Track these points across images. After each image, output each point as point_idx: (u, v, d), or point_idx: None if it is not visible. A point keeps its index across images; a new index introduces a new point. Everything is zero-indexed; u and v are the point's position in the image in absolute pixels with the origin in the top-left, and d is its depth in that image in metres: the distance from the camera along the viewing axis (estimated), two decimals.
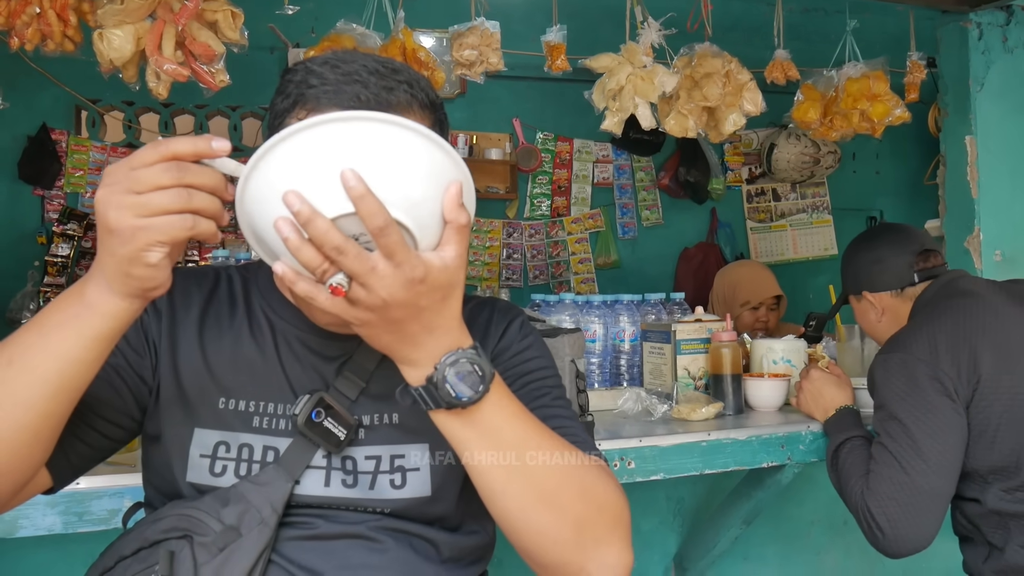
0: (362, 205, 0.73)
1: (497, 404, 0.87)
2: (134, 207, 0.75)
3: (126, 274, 0.78)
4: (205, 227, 0.78)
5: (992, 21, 3.27)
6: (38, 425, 0.84)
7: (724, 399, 2.06)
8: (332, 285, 0.77)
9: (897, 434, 1.67)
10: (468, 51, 2.55)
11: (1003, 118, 3.25)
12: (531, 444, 0.90)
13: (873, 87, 3.06)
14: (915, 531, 1.62)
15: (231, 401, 1.01)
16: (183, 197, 0.76)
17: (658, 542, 2.37)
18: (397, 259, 0.76)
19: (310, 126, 0.74)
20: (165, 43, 2.08)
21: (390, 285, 0.77)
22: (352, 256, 0.75)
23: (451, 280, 0.81)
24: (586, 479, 0.93)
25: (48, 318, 0.83)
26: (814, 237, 5.38)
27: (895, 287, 1.93)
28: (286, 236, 0.75)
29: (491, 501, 0.92)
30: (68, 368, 0.82)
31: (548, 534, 0.91)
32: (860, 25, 3.24)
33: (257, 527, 0.95)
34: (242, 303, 1.08)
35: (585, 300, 2.38)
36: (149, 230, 0.76)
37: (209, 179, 0.78)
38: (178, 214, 0.76)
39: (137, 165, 0.76)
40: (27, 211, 4.21)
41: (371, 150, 0.75)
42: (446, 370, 0.83)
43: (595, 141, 5.04)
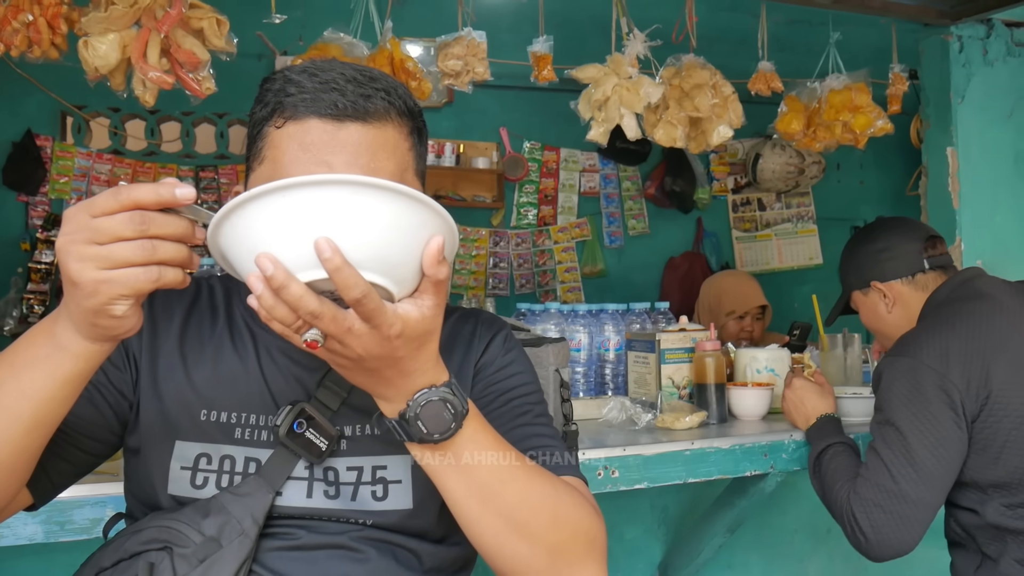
0: (338, 277, 0.72)
1: (471, 438, 0.88)
2: (96, 259, 0.73)
3: (92, 324, 0.77)
4: (171, 277, 0.75)
5: (973, 34, 3.31)
6: (13, 458, 0.84)
7: (708, 408, 2.07)
8: (307, 341, 0.76)
9: (892, 441, 1.65)
10: (453, 61, 2.56)
11: (983, 130, 3.29)
12: (504, 475, 0.91)
13: (855, 99, 3.09)
14: (898, 539, 1.61)
15: (212, 413, 1.01)
16: (147, 249, 0.73)
17: (643, 550, 2.38)
18: (374, 322, 0.76)
19: (283, 188, 0.71)
20: (150, 51, 2.08)
21: (366, 344, 0.77)
22: (328, 320, 0.74)
23: (428, 328, 0.81)
24: (559, 506, 0.94)
25: (18, 355, 0.82)
26: (799, 246, 5.41)
27: (905, 274, 1.88)
28: (259, 294, 0.73)
29: (466, 528, 0.93)
30: (41, 407, 0.82)
31: (522, 561, 0.92)
32: (844, 37, 3.28)
33: (238, 538, 0.95)
34: (223, 314, 1.07)
35: (571, 309, 2.40)
36: (112, 283, 0.73)
37: (175, 228, 0.75)
38: (143, 266, 0.73)
39: (97, 213, 0.73)
40: (11, 217, 4.19)
41: (346, 214, 0.72)
42: (418, 408, 0.84)
43: (582, 150, 5.06)
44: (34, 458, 0.87)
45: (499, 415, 1.06)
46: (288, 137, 0.94)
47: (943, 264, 1.88)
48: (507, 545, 0.92)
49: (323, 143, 0.93)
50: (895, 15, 3.22)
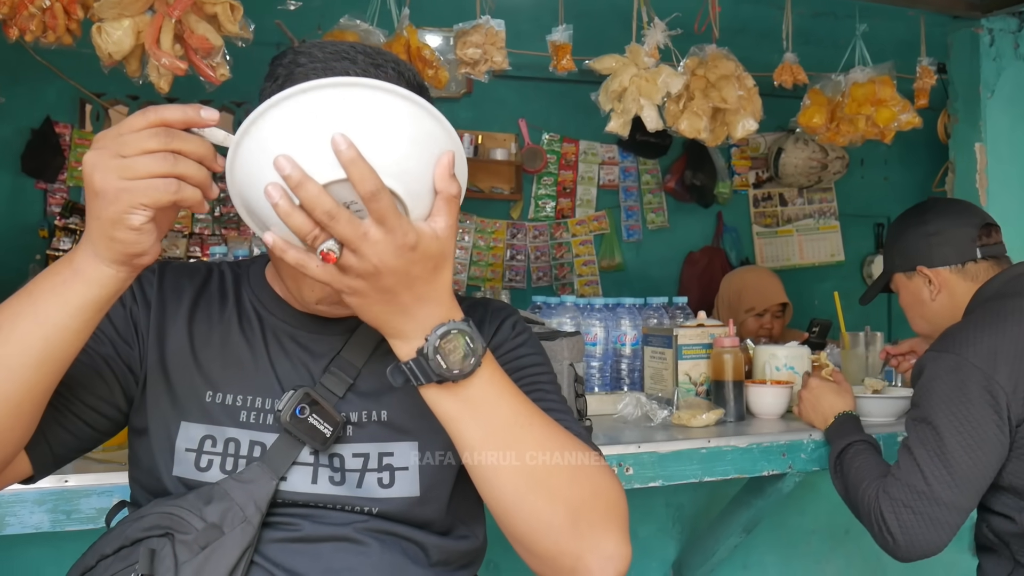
0: (353, 170, 0.72)
1: (489, 380, 0.86)
2: (119, 169, 0.75)
3: (110, 238, 0.78)
4: (190, 193, 0.77)
5: (1004, 27, 3.24)
6: (21, 395, 0.83)
7: (725, 405, 2.04)
8: (323, 251, 0.75)
9: (928, 440, 1.58)
10: (472, 49, 2.53)
11: (1013, 125, 3.22)
12: (523, 422, 0.88)
13: (878, 92, 3.04)
14: (927, 541, 1.56)
15: (218, 395, 1.00)
16: (168, 161, 0.76)
17: (657, 549, 2.35)
18: (388, 225, 0.75)
19: (302, 91, 0.73)
20: (163, 36, 2.07)
21: (382, 251, 0.76)
22: (343, 221, 0.74)
23: (442, 250, 0.80)
24: (580, 462, 0.91)
25: (37, 286, 0.83)
26: (821, 243, 5.34)
27: (955, 262, 1.78)
28: (276, 201, 0.74)
29: (482, 484, 0.89)
30: (54, 335, 0.81)
31: (541, 518, 0.88)
32: (870, 30, 3.22)
33: (240, 525, 0.94)
34: (232, 298, 1.07)
35: (586, 303, 2.36)
36: (132, 192, 0.76)
37: (196, 147, 0.78)
38: (162, 178, 0.76)
39: (126, 130, 0.76)
40: (29, 204, 4.21)
41: (363, 116, 0.74)
42: (437, 341, 0.82)
43: (601, 143, 5.02)
44: (41, 402, 0.85)
45: None
46: None
47: (996, 254, 1.78)
48: (526, 501, 0.88)
49: None
50: (924, 7, 3.16)
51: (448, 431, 0.88)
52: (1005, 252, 1.81)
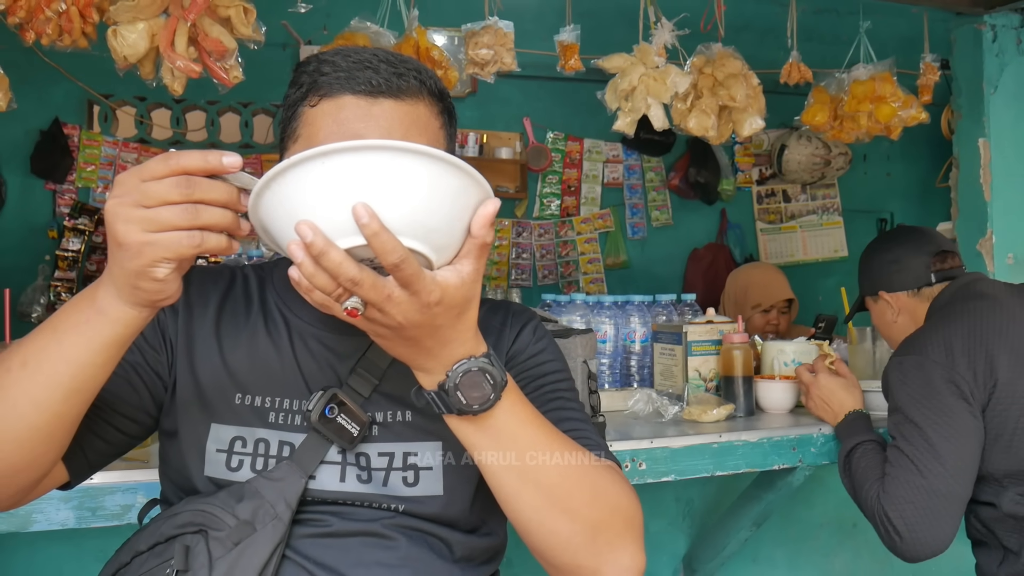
0: (376, 242, 0.72)
1: (509, 410, 0.88)
2: (142, 222, 0.75)
3: (134, 286, 0.79)
4: (215, 242, 0.77)
5: (1006, 23, 3.26)
6: (52, 426, 0.85)
7: (735, 401, 2.06)
8: (347, 309, 0.77)
9: (913, 437, 1.66)
10: (484, 50, 2.55)
11: (1017, 121, 3.23)
12: (543, 448, 0.90)
13: (878, 89, 3.05)
14: (933, 535, 1.61)
15: (247, 397, 1.02)
16: (191, 213, 0.75)
17: (667, 543, 2.37)
18: (413, 288, 0.76)
19: (323, 154, 0.72)
20: (178, 39, 2.09)
21: (406, 311, 0.78)
22: (367, 287, 0.75)
23: (467, 296, 0.81)
24: (598, 482, 0.94)
25: (61, 321, 0.83)
26: (824, 239, 5.36)
27: (912, 287, 1.93)
28: (300, 262, 0.74)
29: (504, 503, 0.93)
30: (80, 372, 0.83)
31: (561, 537, 0.91)
32: (873, 26, 3.23)
33: (271, 522, 0.96)
34: (257, 301, 1.09)
35: (596, 300, 2.38)
36: (156, 246, 0.75)
37: (220, 194, 0.77)
38: (186, 231, 0.75)
39: (147, 177, 0.75)
40: (38, 205, 4.23)
41: (386, 180, 0.73)
42: (458, 378, 0.84)
43: (605, 141, 5.03)
44: (72, 427, 0.87)
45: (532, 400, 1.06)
46: (323, 114, 0.97)
47: (951, 277, 1.92)
48: (547, 521, 0.91)
49: (357, 118, 0.95)
50: (927, 4, 3.18)
51: (471, 455, 0.91)
52: (962, 274, 1.93)
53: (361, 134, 0.94)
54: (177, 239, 0.75)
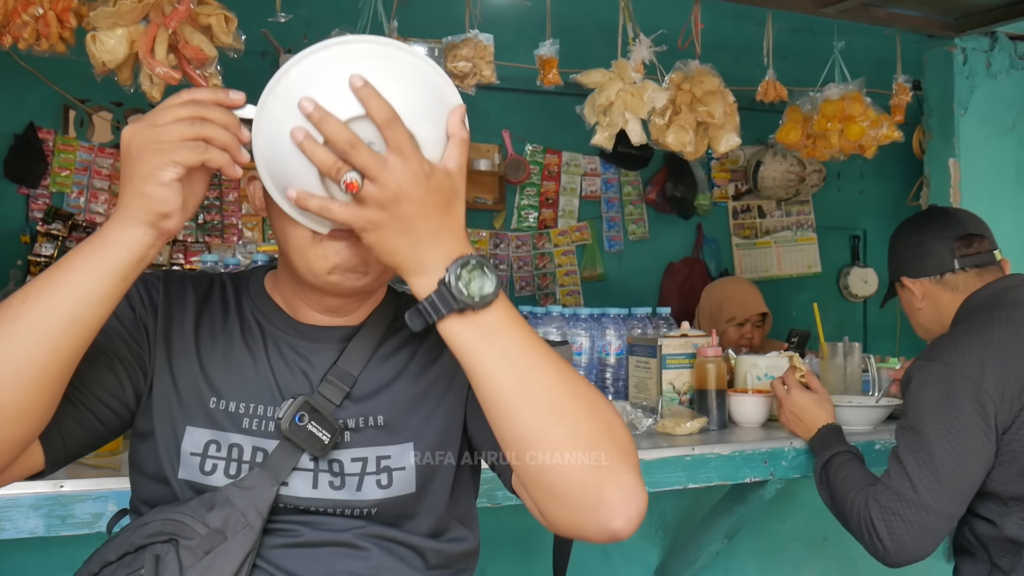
0: (370, 102, 0.81)
1: (506, 311, 0.89)
2: (153, 134, 0.84)
3: (141, 194, 0.84)
4: (217, 155, 0.85)
5: (976, 47, 3.33)
6: (46, 362, 0.85)
7: (708, 414, 2.08)
8: (347, 181, 0.82)
9: (916, 448, 1.61)
10: (462, 63, 2.57)
11: (986, 142, 3.30)
12: (540, 351, 0.90)
13: (848, 108, 3.09)
14: (916, 547, 1.59)
15: (222, 401, 1.02)
16: (196, 126, 0.84)
17: (640, 555, 2.38)
18: (405, 153, 0.82)
19: (323, 47, 0.84)
20: (158, 46, 2.08)
21: (400, 177, 0.82)
22: (364, 150, 0.81)
23: (454, 187, 0.87)
24: (592, 396, 0.92)
25: (65, 258, 0.87)
26: (798, 254, 5.42)
27: (934, 273, 1.82)
28: (301, 140, 0.82)
29: (503, 416, 0.90)
30: (80, 300, 0.85)
31: (564, 449, 0.87)
32: (847, 47, 3.29)
33: (242, 530, 0.96)
34: (234, 307, 1.09)
35: (572, 313, 2.40)
36: (163, 151, 0.83)
37: (223, 116, 0.86)
38: (192, 140, 0.84)
39: (162, 107, 0.86)
40: (11, 210, 4.18)
41: (377, 67, 0.83)
42: (458, 270, 0.86)
43: (583, 154, 5.07)
44: (64, 373, 0.88)
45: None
46: None
47: (978, 264, 1.80)
48: (547, 430, 0.88)
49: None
50: (899, 26, 3.24)
51: (468, 365, 0.89)
52: (992, 260, 1.82)
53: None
54: (183, 144, 0.83)
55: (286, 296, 1.08)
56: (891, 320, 5.29)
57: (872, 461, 2.06)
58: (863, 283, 5.47)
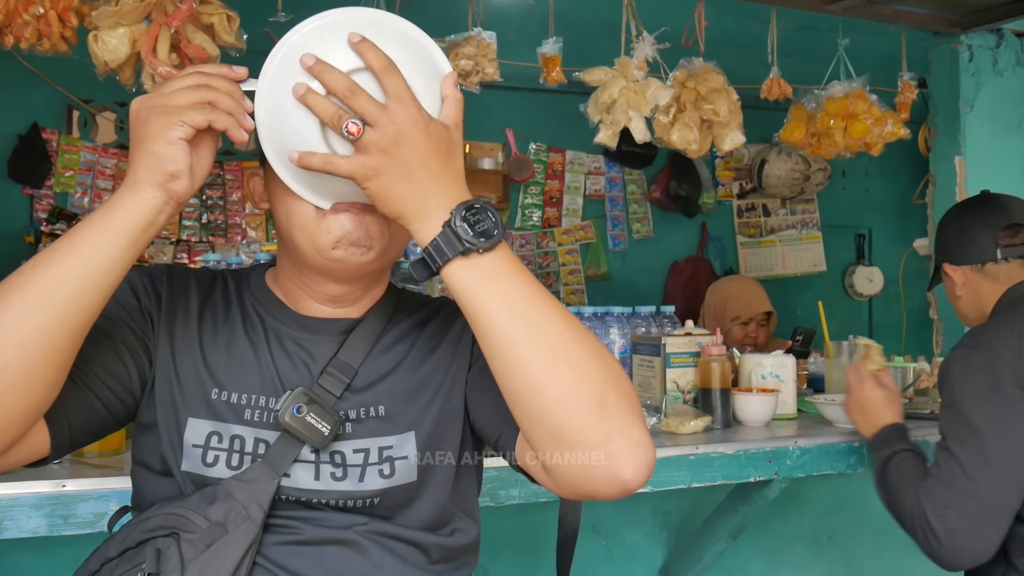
0: (368, 55, 0.85)
1: (509, 256, 0.90)
2: (160, 100, 0.88)
3: (149, 153, 0.86)
4: (223, 118, 0.87)
5: (982, 44, 3.32)
6: (56, 328, 0.85)
7: (712, 413, 2.07)
8: (348, 126, 0.84)
9: (966, 438, 1.55)
10: (464, 61, 2.56)
11: (992, 139, 3.29)
12: (543, 295, 0.90)
13: (851, 106, 3.08)
14: (974, 542, 1.52)
15: (224, 393, 1.02)
16: (202, 90, 0.88)
17: (644, 555, 2.37)
18: (404, 99, 0.85)
19: (319, 16, 0.89)
20: (160, 46, 2.08)
21: (400, 119, 0.85)
22: (363, 96, 0.84)
23: (452, 139, 0.89)
24: (598, 345, 0.91)
25: (76, 227, 0.89)
26: (803, 253, 5.40)
27: (975, 262, 1.79)
28: (303, 93, 0.86)
29: (509, 361, 0.89)
30: (91, 263, 0.86)
31: (570, 392, 0.86)
32: (852, 44, 3.27)
33: (244, 524, 0.96)
34: (236, 302, 1.10)
35: (576, 311, 2.39)
36: (171, 112, 0.86)
37: (228, 84, 0.90)
38: (199, 104, 0.87)
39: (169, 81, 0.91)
40: (15, 210, 4.18)
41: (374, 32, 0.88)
42: (463, 212, 0.87)
43: (587, 153, 5.06)
44: (73, 344, 0.88)
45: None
46: None
47: (1023, 255, 1.77)
48: (553, 374, 0.87)
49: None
50: (905, 23, 3.23)
51: (473, 311, 0.89)
52: None
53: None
54: (191, 107, 0.87)
55: (287, 289, 1.08)
56: (896, 319, 5.28)
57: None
58: (868, 282, 5.45)
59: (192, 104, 0.87)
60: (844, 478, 2.50)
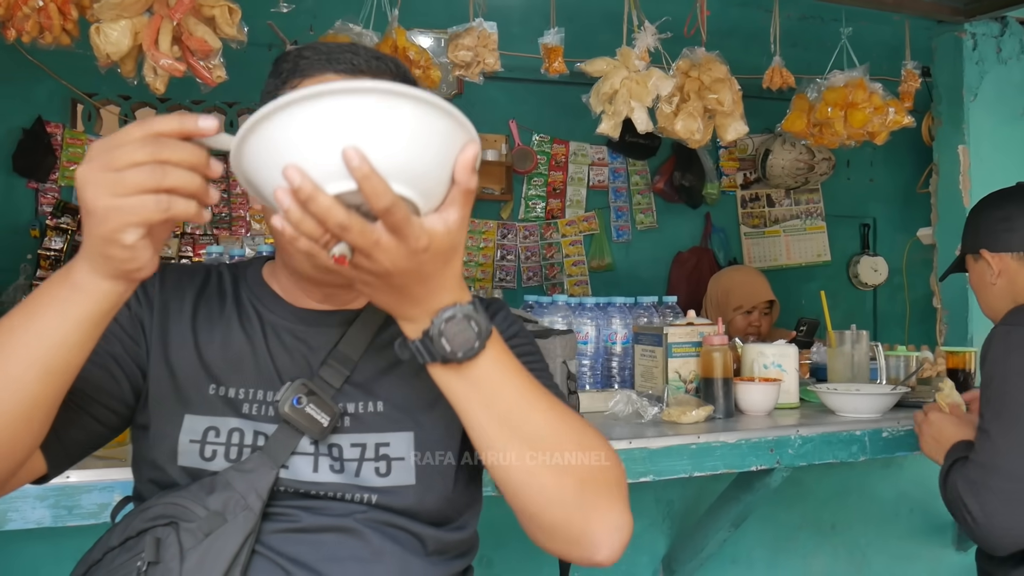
0: (367, 185, 0.71)
1: (494, 360, 0.87)
2: (108, 185, 0.73)
3: (105, 255, 0.77)
4: (182, 208, 0.75)
5: (986, 32, 3.30)
6: (29, 409, 0.83)
7: (714, 402, 2.07)
8: (335, 256, 0.75)
9: (1002, 415, 1.53)
10: (464, 52, 2.56)
11: (996, 128, 3.27)
12: (529, 399, 0.90)
13: (850, 95, 3.06)
14: (1012, 520, 1.48)
15: (221, 388, 1.03)
16: (157, 175, 0.73)
17: (647, 544, 2.38)
18: (401, 233, 0.75)
19: (310, 96, 0.70)
20: (162, 38, 2.09)
21: (394, 257, 0.77)
22: (356, 232, 0.74)
23: (453, 243, 0.80)
24: (584, 437, 0.93)
25: (36, 300, 0.82)
26: (807, 243, 5.39)
27: (1018, 249, 1.78)
28: (287, 208, 0.72)
29: (492, 461, 0.91)
30: (57, 351, 0.81)
31: (551, 492, 0.90)
32: (856, 33, 3.26)
33: (242, 513, 0.96)
34: (231, 297, 1.10)
35: (578, 302, 2.39)
36: (122, 210, 0.73)
37: (189, 155, 0.74)
38: (153, 194, 0.73)
39: (117, 142, 0.74)
40: (21, 204, 4.20)
41: (376, 122, 0.71)
42: (443, 324, 0.83)
43: (591, 144, 5.05)
44: (51, 409, 0.86)
45: None
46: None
47: None
48: (535, 476, 0.89)
49: None
50: (908, 11, 3.21)
51: (456, 410, 0.90)
52: None
53: None
54: (143, 203, 0.73)
55: (284, 285, 1.08)
56: (901, 308, 5.27)
57: (879, 449, 2.05)
58: (873, 271, 5.44)
59: (145, 193, 0.73)
60: (847, 467, 2.50)
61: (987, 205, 1.88)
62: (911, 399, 2.30)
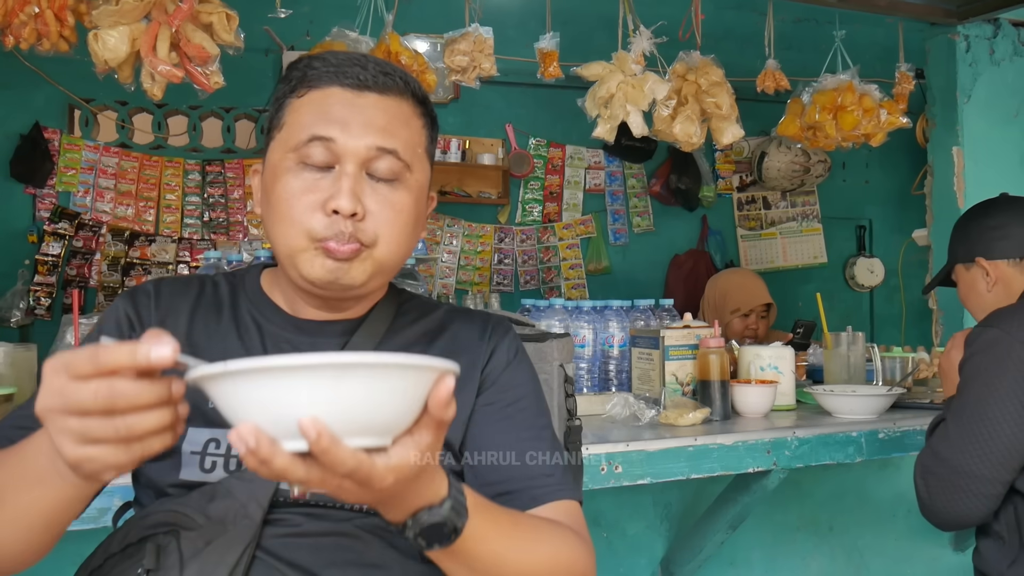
0: (326, 459, 0.68)
1: (471, 537, 0.87)
2: (73, 434, 0.70)
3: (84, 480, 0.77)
4: (158, 446, 0.72)
5: (979, 34, 3.32)
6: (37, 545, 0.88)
7: (711, 404, 2.08)
8: (294, 494, 0.74)
9: (960, 413, 1.60)
10: (460, 57, 2.57)
11: (989, 129, 3.29)
12: (506, 556, 0.93)
13: (840, 99, 3.07)
14: (951, 509, 1.57)
15: None
16: (121, 431, 0.69)
17: (645, 546, 2.39)
18: (366, 484, 0.73)
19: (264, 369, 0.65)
20: (160, 44, 2.09)
21: (359, 496, 0.76)
22: (316, 484, 0.71)
23: (424, 466, 0.78)
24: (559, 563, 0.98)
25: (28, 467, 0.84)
26: (804, 245, 5.41)
27: (1014, 256, 1.84)
28: (244, 456, 0.68)
29: None
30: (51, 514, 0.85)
31: None
32: (849, 36, 3.28)
33: (243, 521, 0.97)
34: (229, 308, 1.10)
35: (575, 305, 2.40)
36: (94, 461, 0.71)
37: (147, 398, 0.70)
38: (123, 444, 0.70)
39: (73, 375, 0.69)
40: (18, 209, 4.21)
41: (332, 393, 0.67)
42: (418, 528, 0.83)
43: (587, 147, 5.07)
44: (58, 537, 0.91)
45: (503, 428, 1.09)
46: (309, 103, 1.01)
47: None
48: None
49: (342, 106, 1.00)
50: (902, 14, 3.23)
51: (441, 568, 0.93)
52: None
53: (346, 121, 0.99)
54: (114, 454, 0.70)
55: (286, 294, 1.08)
56: (897, 310, 5.29)
57: (876, 450, 2.06)
58: (869, 273, 5.46)
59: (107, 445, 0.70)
60: (844, 468, 2.51)
61: (976, 215, 1.93)
62: (907, 400, 2.31)
